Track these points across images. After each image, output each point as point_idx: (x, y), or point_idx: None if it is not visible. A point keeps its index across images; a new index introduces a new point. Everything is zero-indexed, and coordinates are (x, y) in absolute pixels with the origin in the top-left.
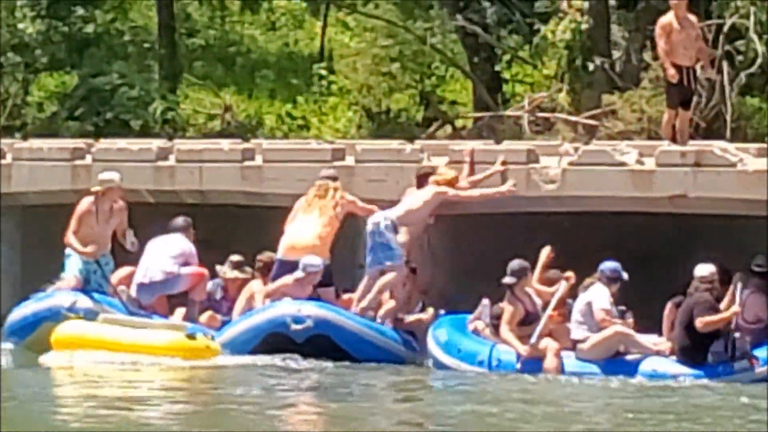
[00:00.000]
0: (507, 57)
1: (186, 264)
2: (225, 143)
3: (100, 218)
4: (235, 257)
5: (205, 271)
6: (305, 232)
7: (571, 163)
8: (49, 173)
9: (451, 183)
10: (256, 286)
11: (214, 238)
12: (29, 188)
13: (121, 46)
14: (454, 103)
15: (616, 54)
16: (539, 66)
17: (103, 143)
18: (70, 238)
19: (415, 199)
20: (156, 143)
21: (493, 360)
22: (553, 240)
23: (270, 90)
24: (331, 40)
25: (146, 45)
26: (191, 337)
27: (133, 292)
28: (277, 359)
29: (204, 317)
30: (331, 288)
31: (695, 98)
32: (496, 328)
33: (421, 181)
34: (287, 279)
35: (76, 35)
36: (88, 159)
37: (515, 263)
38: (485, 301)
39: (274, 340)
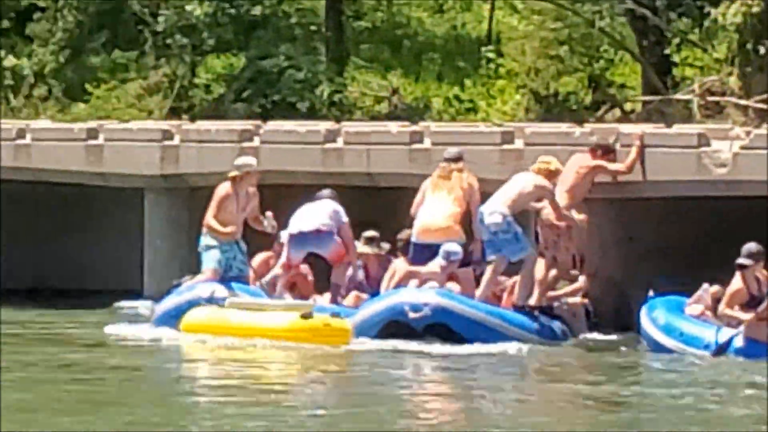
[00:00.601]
0: (676, 40)
1: (336, 230)
2: (393, 126)
3: (239, 203)
4: (369, 233)
5: (352, 247)
6: (437, 214)
7: (742, 147)
8: (217, 155)
9: (552, 175)
10: (399, 264)
11: (380, 220)
12: (197, 170)
13: (288, 29)
14: (622, 86)
15: None
16: (709, 49)
17: (271, 125)
18: (210, 221)
19: (512, 187)
20: (323, 125)
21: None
22: (722, 224)
23: (437, 73)
24: (498, 22)
25: (313, 27)
26: (306, 317)
27: (285, 248)
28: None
29: (349, 298)
30: (468, 268)
31: None
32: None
33: (595, 153)
34: (433, 266)
35: (244, 17)
36: (256, 141)
37: (752, 246)
38: (705, 286)
39: (395, 327)
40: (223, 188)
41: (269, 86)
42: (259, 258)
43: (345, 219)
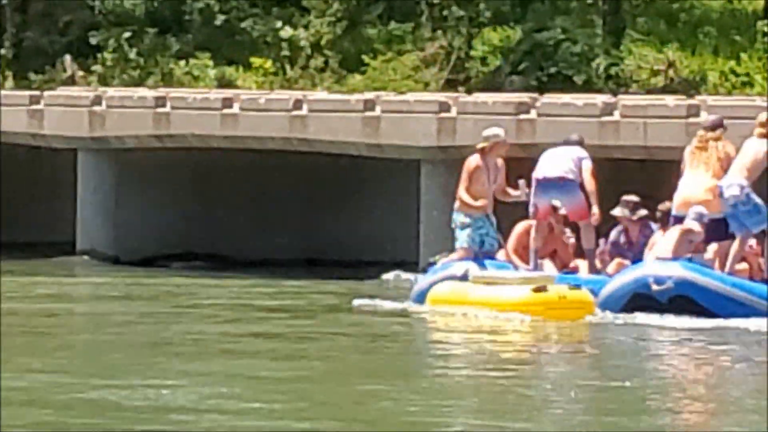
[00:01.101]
0: None
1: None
2: (669, 99)
3: (489, 175)
4: (630, 197)
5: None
6: (696, 186)
7: None
8: (493, 126)
9: None
10: (657, 237)
11: (655, 194)
12: (474, 142)
13: (564, 1)
14: None
15: None
16: None
17: (547, 98)
18: (462, 194)
19: (745, 156)
20: (600, 98)
21: None
22: None
23: (713, 46)
24: None
25: (589, 0)
26: (539, 290)
27: (531, 196)
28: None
29: (612, 266)
30: (725, 242)
31: None
32: None
33: None
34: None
35: None
36: (533, 114)
37: None
38: None
39: (640, 299)
40: (473, 160)
41: (545, 59)
42: (520, 227)
43: (589, 164)
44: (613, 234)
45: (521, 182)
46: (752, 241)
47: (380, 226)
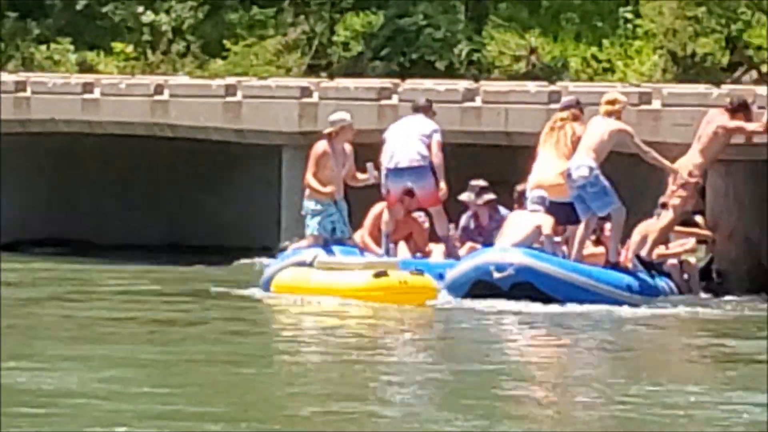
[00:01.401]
0: None
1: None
2: (531, 85)
3: (337, 160)
4: (477, 182)
5: (442, 187)
6: (548, 169)
7: None
8: (356, 112)
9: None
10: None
11: (517, 180)
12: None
13: None
14: (759, 48)
15: None
16: None
17: (409, 83)
18: (310, 179)
19: (592, 136)
20: (462, 84)
21: None
22: None
23: (575, 33)
24: None
25: None
26: (379, 275)
27: (382, 179)
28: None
29: (463, 250)
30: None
31: None
32: None
33: (737, 110)
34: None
35: None
36: (395, 99)
37: None
38: None
39: (482, 286)
40: (320, 146)
41: (407, 44)
42: (377, 209)
43: (438, 138)
44: (463, 219)
45: (369, 165)
46: (609, 224)
47: (243, 212)
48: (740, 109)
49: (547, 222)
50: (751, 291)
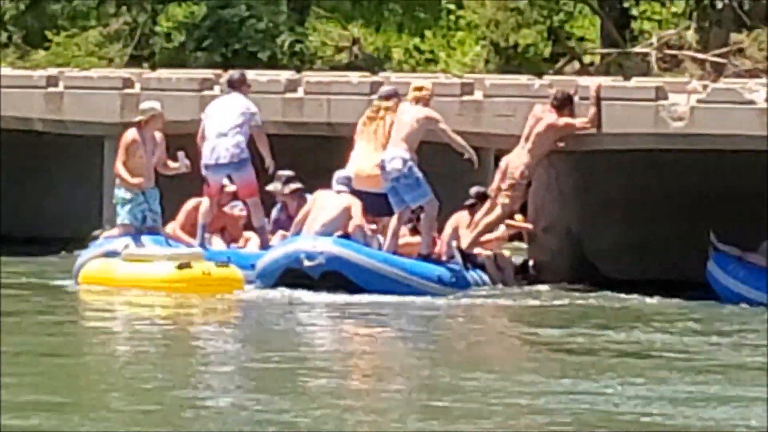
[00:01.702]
0: None
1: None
2: (353, 76)
3: (147, 148)
4: (283, 172)
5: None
6: (364, 160)
7: (699, 101)
8: (178, 103)
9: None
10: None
11: (340, 169)
12: None
13: None
14: (581, 39)
15: None
16: (667, 3)
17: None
18: (119, 168)
19: (402, 126)
20: (285, 75)
21: None
22: (680, 177)
23: (398, 23)
24: None
25: None
26: (182, 267)
27: (203, 171)
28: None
29: (275, 239)
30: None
31: None
32: None
33: (561, 104)
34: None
35: None
36: (217, 90)
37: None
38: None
39: (292, 275)
40: (130, 134)
41: (230, 35)
42: (190, 204)
43: (258, 120)
44: (274, 212)
45: (180, 154)
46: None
47: (65, 202)
48: (565, 103)
49: (355, 205)
50: (573, 282)
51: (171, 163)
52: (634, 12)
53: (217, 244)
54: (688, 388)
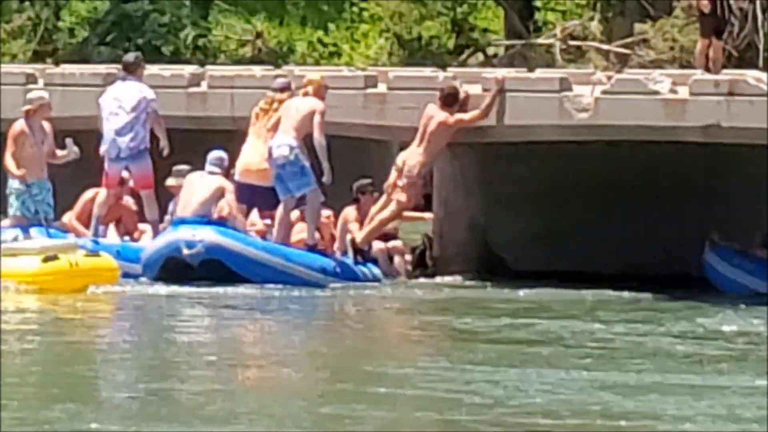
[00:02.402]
0: None
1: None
2: (257, 69)
3: (35, 138)
4: (180, 167)
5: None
6: (255, 153)
7: (604, 92)
8: (82, 98)
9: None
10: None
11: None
12: (61, 113)
13: None
14: (485, 30)
15: None
16: None
17: None
18: (7, 161)
19: (292, 115)
20: (188, 69)
21: None
22: (585, 169)
23: (301, 17)
24: None
25: None
26: (48, 259)
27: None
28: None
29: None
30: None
31: (728, 28)
32: None
33: (448, 100)
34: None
35: None
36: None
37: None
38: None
39: (173, 264)
40: (18, 125)
41: (133, 30)
42: (87, 195)
43: (155, 105)
44: (170, 206)
45: (69, 141)
46: (328, 212)
47: None
48: (452, 99)
49: (228, 188)
50: (478, 273)
51: (59, 152)
52: (538, 3)
53: (112, 235)
54: (587, 375)
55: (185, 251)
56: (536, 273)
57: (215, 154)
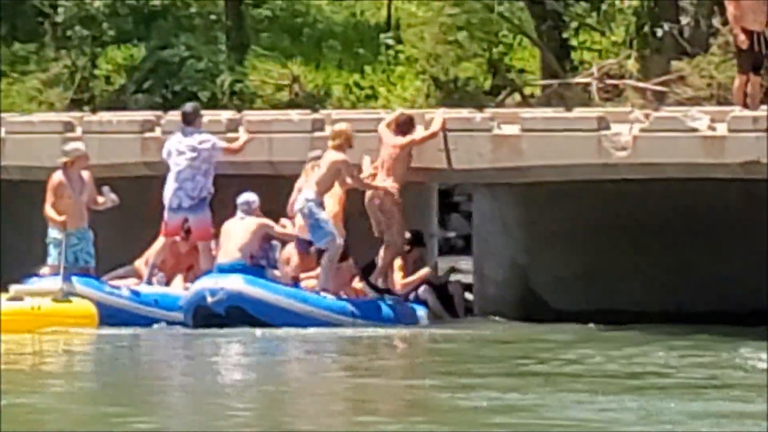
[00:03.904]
0: (574, 24)
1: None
2: (294, 114)
3: (74, 189)
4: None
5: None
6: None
7: (642, 130)
8: (119, 146)
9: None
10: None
11: (282, 209)
12: (99, 161)
13: (187, 18)
14: (522, 71)
15: (684, 20)
16: (607, 33)
17: (172, 115)
18: (48, 210)
19: (320, 168)
20: (225, 115)
21: None
22: (624, 207)
23: (337, 60)
24: (397, 9)
25: (213, 17)
26: (12, 299)
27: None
28: None
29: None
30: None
31: (765, 63)
32: None
33: (403, 128)
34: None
35: (143, 8)
36: (158, 131)
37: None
38: None
39: (203, 311)
40: (56, 176)
41: (170, 76)
42: (158, 244)
43: (219, 145)
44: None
45: (105, 189)
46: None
47: (9, 248)
48: (407, 127)
49: (264, 221)
50: (519, 314)
51: (99, 198)
52: (574, 42)
53: (178, 283)
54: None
55: (209, 299)
56: (577, 313)
57: (244, 198)
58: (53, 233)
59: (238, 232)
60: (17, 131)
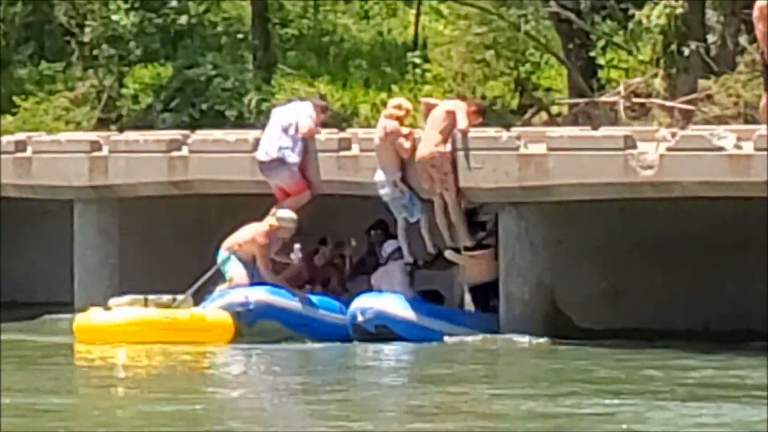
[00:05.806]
0: (601, 43)
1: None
2: (321, 133)
3: (272, 248)
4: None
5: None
6: None
7: (668, 149)
8: (146, 165)
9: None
10: None
11: (310, 228)
12: (126, 180)
13: (214, 37)
14: (549, 89)
15: (711, 38)
16: (634, 51)
17: (199, 134)
18: (264, 274)
19: None
20: (252, 134)
21: None
22: (651, 226)
23: (364, 79)
24: (424, 28)
25: (240, 36)
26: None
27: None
28: None
29: None
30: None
31: None
32: None
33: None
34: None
35: (170, 27)
36: (185, 150)
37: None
38: None
39: (358, 329)
40: (262, 239)
41: (197, 95)
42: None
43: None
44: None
45: (296, 247)
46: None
47: (36, 268)
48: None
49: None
50: (545, 332)
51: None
52: (601, 61)
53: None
54: None
55: (359, 318)
56: (603, 331)
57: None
58: (223, 254)
59: None
60: (44, 150)
